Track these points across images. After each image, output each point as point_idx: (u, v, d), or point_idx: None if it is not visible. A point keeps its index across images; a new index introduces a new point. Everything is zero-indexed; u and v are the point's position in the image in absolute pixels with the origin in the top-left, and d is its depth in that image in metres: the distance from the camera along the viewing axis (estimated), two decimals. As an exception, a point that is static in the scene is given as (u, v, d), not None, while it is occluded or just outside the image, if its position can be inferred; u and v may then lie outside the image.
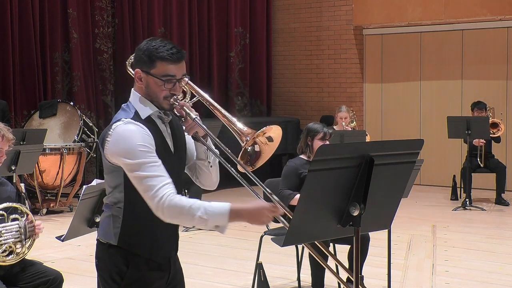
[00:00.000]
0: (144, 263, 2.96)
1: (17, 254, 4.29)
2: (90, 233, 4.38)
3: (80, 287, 5.99)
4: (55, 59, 10.56)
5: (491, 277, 6.30)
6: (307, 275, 5.78)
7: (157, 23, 11.62)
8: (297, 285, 5.84)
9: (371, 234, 5.48)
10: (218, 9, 12.55)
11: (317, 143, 5.55)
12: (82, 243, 6.88)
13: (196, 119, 2.93)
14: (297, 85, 13.00)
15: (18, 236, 4.29)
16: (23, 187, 4.66)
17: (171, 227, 2.98)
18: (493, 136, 9.68)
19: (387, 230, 4.99)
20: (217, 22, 12.57)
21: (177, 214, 2.78)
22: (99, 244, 3.01)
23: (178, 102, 2.94)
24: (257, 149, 2.96)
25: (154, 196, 2.77)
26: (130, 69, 3.04)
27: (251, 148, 2.95)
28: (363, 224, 2.62)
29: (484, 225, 8.60)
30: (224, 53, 12.75)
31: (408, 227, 8.34)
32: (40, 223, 4.44)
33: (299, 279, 5.81)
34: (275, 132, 2.98)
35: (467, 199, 9.56)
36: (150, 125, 2.92)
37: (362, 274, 5.57)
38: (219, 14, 12.59)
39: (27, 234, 4.32)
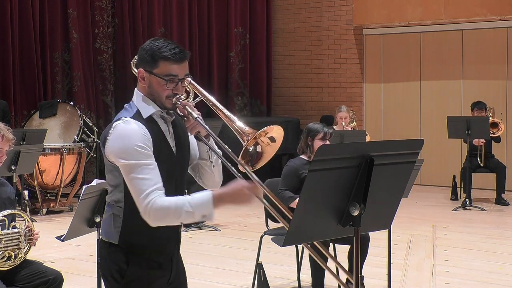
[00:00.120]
0: (145, 262, 2.96)
1: (13, 260, 4.31)
2: (90, 233, 4.40)
3: (80, 287, 5.99)
4: (55, 59, 10.56)
5: (491, 277, 6.30)
6: (307, 275, 5.78)
7: (157, 23, 11.62)
8: (297, 285, 5.84)
9: (371, 234, 5.48)
10: (218, 9, 12.55)
11: (317, 143, 5.54)
12: (82, 243, 6.88)
13: (198, 118, 2.93)
14: (297, 85, 12.99)
15: (17, 244, 4.33)
16: (27, 194, 4.65)
17: (172, 226, 2.98)
18: (493, 136, 9.68)
19: (387, 230, 4.99)
20: (217, 22, 12.57)
21: (163, 217, 2.80)
22: (101, 242, 3.03)
23: (181, 101, 2.94)
24: (259, 149, 2.95)
25: (142, 200, 2.80)
26: (134, 69, 3.05)
27: (252, 148, 2.95)
28: (363, 224, 2.62)
29: (484, 225, 8.59)
30: (224, 53, 12.75)
31: (408, 227, 8.34)
32: (38, 231, 4.48)
33: (299, 279, 5.80)
34: (277, 132, 2.97)
35: (467, 199, 9.56)
36: (151, 124, 2.92)
37: (362, 274, 5.57)
38: (219, 14, 12.58)
39: (26, 241, 4.37)
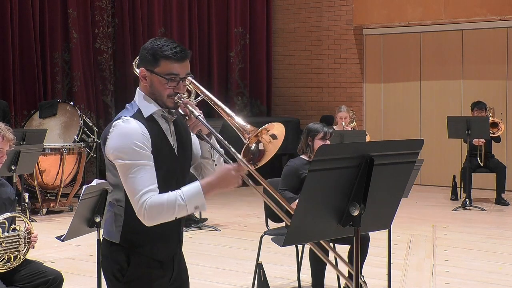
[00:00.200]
0: (145, 261, 2.97)
1: (12, 262, 4.33)
2: (90, 233, 4.40)
3: (80, 287, 5.99)
4: (55, 59, 10.56)
5: (491, 277, 6.30)
6: (307, 275, 5.78)
7: (157, 23, 11.62)
8: (297, 285, 5.84)
9: (371, 234, 5.48)
10: (218, 9, 12.55)
11: (317, 143, 5.54)
12: (82, 243, 6.88)
13: (199, 116, 2.94)
14: (297, 85, 12.99)
15: (17, 246, 4.35)
16: (27, 197, 4.70)
17: (173, 225, 2.99)
18: (493, 135, 9.68)
19: (387, 230, 4.99)
20: (217, 22, 12.57)
21: (157, 214, 2.81)
22: (103, 241, 3.04)
23: (182, 100, 2.94)
24: (261, 147, 2.95)
25: (137, 200, 2.82)
26: (136, 69, 3.04)
27: (254, 146, 2.94)
28: (363, 224, 2.62)
29: (484, 225, 8.59)
30: (224, 53, 12.75)
31: (408, 227, 8.34)
32: (37, 233, 4.49)
33: (299, 279, 5.80)
34: (278, 130, 2.97)
35: (467, 199, 9.55)
36: (151, 123, 2.92)
37: (362, 274, 5.57)
38: (219, 14, 12.58)
39: (25, 244, 4.38)
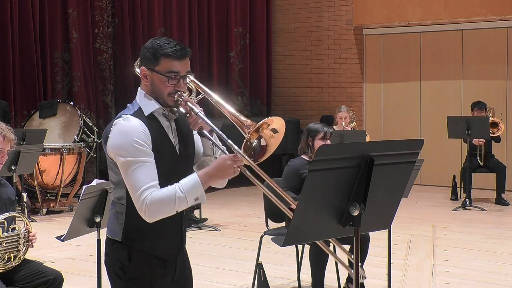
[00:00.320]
0: (147, 259, 2.97)
1: (12, 262, 4.33)
2: (90, 233, 4.40)
3: (80, 287, 5.99)
4: (55, 59, 10.56)
5: (491, 277, 6.30)
6: (307, 275, 5.78)
7: (157, 23, 11.62)
8: (297, 285, 5.84)
9: (371, 234, 5.48)
10: (218, 9, 12.55)
11: (318, 143, 5.55)
12: (82, 243, 6.88)
13: (199, 113, 2.94)
14: (297, 85, 12.99)
15: (17, 246, 4.35)
16: (25, 196, 4.70)
17: (175, 223, 3.00)
18: (493, 135, 9.68)
19: (387, 230, 4.99)
20: (217, 22, 12.57)
21: (159, 209, 2.81)
22: (106, 240, 3.05)
23: (183, 98, 2.95)
24: (263, 143, 2.95)
25: (138, 197, 2.82)
26: (137, 70, 3.05)
27: (256, 142, 2.95)
28: (363, 224, 2.62)
29: (484, 225, 8.59)
30: (224, 53, 12.75)
31: (408, 227, 8.34)
32: (36, 232, 4.50)
33: (299, 279, 5.81)
34: (278, 123, 2.97)
35: (467, 199, 9.55)
36: (152, 121, 2.93)
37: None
38: (219, 14, 12.58)
39: (25, 243, 4.39)
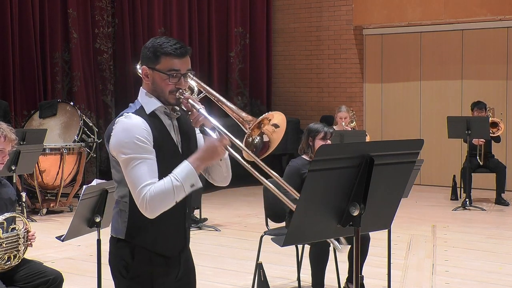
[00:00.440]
0: (149, 257, 2.97)
1: (12, 262, 4.34)
2: (90, 233, 4.39)
3: (80, 287, 5.99)
4: (55, 59, 10.55)
5: (491, 277, 6.30)
6: (307, 275, 5.78)
7: (157, 23, 11.61)
8: (297, 285, 5.84)
9: (371, 234, 5.49)
10: (218, 9, 12.55)
11: (318, 143, 5.55)
12: (82, 243, 6.88)
13: (200, 110, 2.95)
14: (297, 85, 12.99)
15: (16, 246, 4.36)
16: (24, 195, 4.70)
17: (178, 220, 3.01)
18: (493, 135, 9.68)
19: (387, 230, 4.99)
20: (217, 22, 12.56)
21: (160, 202, 2.82)
22: (110, 239, 3.05)
23: (184, 95, 2.95)
24: (265, 139, 2.97)
25: (138, 193, 2.83)
26: (139, 70, 3.06)
27: (259, 139, 2.96)
28: (363, 224, 2.62)
29: (484, 225, 8.59)
30: (224, 53, 12.75)
31: (408, 227, 8.34)
32: (34, 231, 4.50)
33: (299, 279, 5.81)
34: (279, 118, 2.99)
35: (467, 199, 9.55)
36: (153, 119, 2.94)
37: (362, 274, 5.57)
38: (219, 14, 12.58)
39: (24, 243, 4.40)
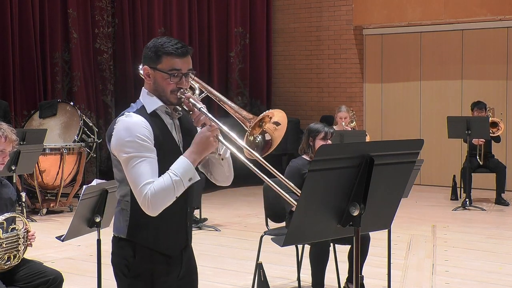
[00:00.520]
0: (150, 255, 2.98)
1: (12, 261, 4.34)
2: (90, 233, 4.40)
3: (80, 287, 5.99)
4: (55, 59, 10.56)
5: (491, 277, 6.30)
6: (307, 275, 5.78)
7: (157, 23, 11.61)
8: (297, 285, 5.84)
9: (371, 234, 5.48)
10: (218, 9, 12.55)
11: (318, 143, 5.55)
12: (82, 243, 6.88)
13: (202, 109, 2.96)
14: (297, 85, 12.99)
15: (16, 246, 4.36)
16: (24, 195, 4.70)
17: (179, 218, 3.02)
18: (493, 135, 9.68)
19: (387, 230, 4.99)
20: (217, 22, 12.56)
21: (161, 199, 2.83)
22: (113, 238, 3.06)
23: (185, 95, 2.96)
24: (267, 137, 2.98)
25: (140, 192, 2.83)
26: (141, 71, 3.07)
27: (261, 137, 2.96)
28: (363, 224, 2.62)
29: (484, 225, 8.59)
30: (224, 53, 12.75)
31: (408, 227, 8.34)
32: (34, 231, 4.50)
33: (299, 279, 5.81)
34: (279, 116, 3.01)
35: (467, 199, 9.55)
36: (154, 118, 2.96)
37: (362, 274, 5.57)
38: (219, 14, 12.58)
39: (24, 243, 4.40)
